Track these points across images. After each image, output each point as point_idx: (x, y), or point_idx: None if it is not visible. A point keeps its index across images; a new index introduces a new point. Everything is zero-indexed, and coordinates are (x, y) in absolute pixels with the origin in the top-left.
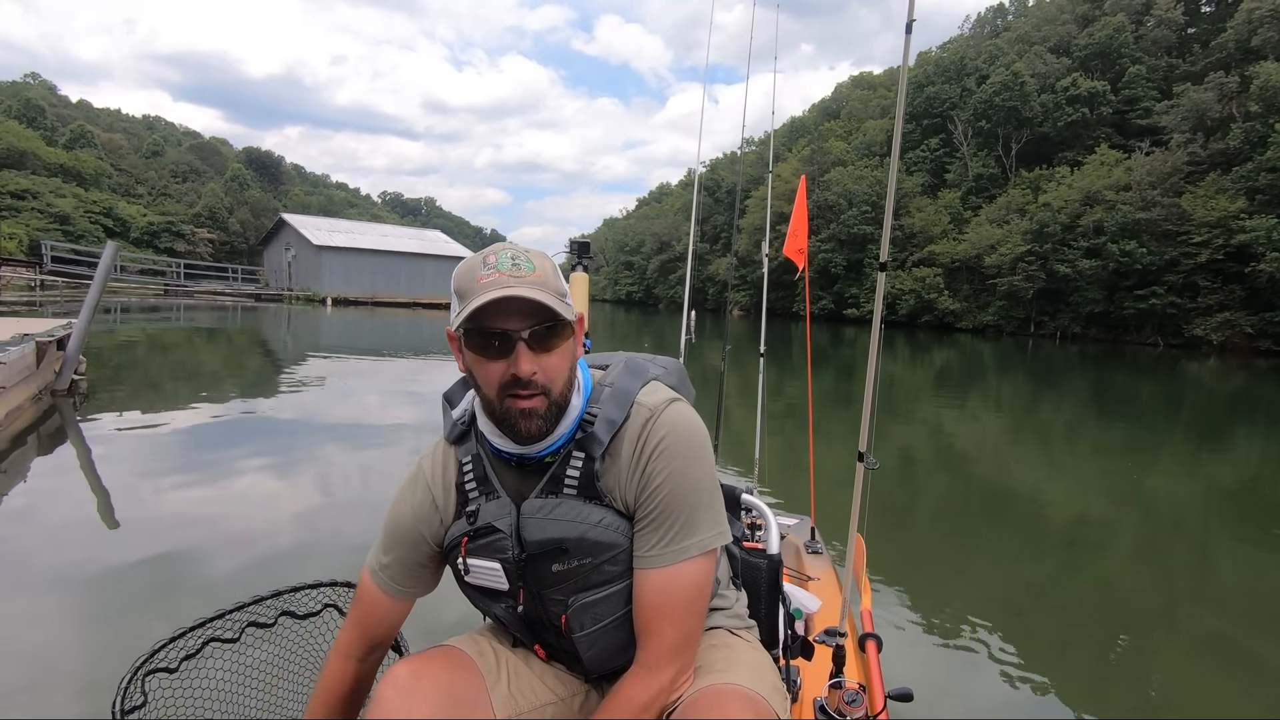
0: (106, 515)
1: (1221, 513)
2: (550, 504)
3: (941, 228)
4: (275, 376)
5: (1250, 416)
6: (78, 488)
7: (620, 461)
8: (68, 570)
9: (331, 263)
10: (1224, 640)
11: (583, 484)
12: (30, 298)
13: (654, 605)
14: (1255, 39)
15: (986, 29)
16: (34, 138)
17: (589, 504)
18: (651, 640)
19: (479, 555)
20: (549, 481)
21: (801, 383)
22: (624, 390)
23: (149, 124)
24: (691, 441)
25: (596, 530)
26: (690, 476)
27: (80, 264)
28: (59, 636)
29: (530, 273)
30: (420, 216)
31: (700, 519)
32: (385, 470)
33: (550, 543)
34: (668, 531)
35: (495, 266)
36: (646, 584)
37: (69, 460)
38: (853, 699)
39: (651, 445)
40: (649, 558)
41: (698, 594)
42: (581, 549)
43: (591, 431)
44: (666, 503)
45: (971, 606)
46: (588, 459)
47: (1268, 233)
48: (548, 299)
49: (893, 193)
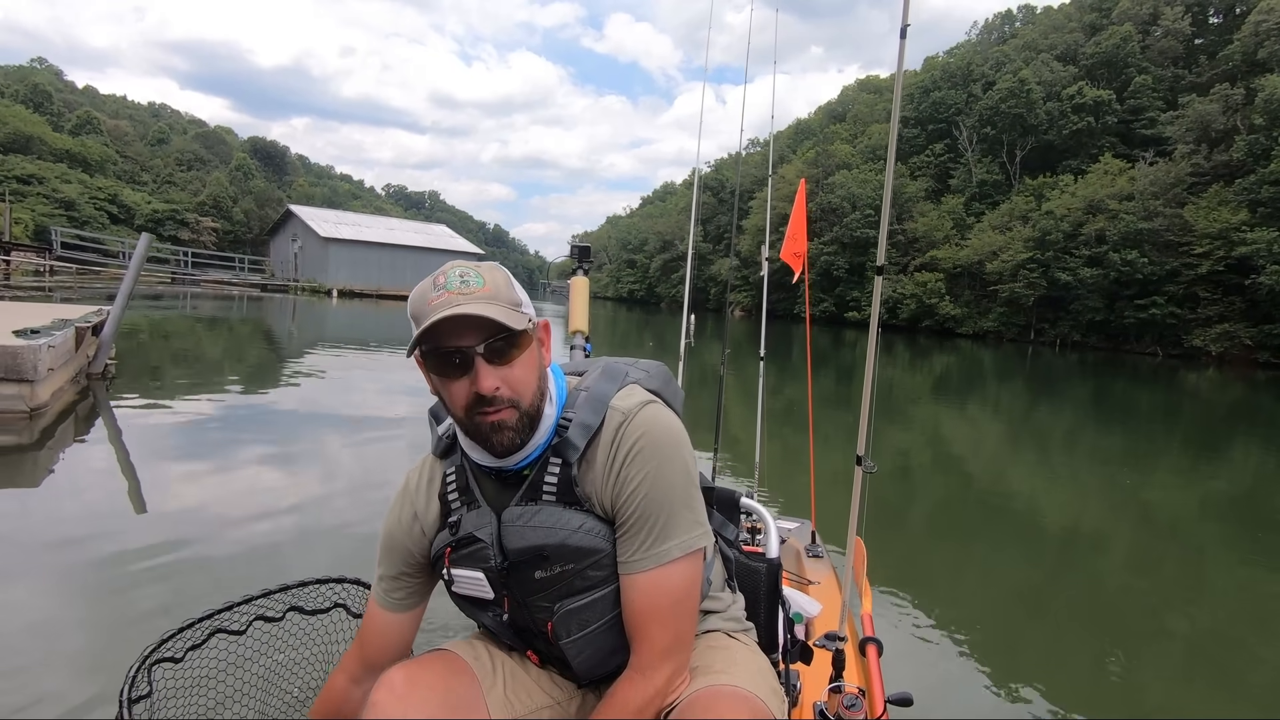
0: (135, 496)
1: (1217, 521)
2: (530, 511)
3: (944, 233)
4: (293, 364)
5: (1248, 428)
6: (109, 465)
7: (596, 467)
8: (92, 547)
9: (338, 255)
10: (1219, 644)
11: (561, 490)
12: (39, 283)
13: (642, 609)
14: (1261, 52)
15: (994, 35)
16: (40, 123)
17: (568, 510)
18: (643, 644)
19: (463, 565)
20: (528, 489)
21: (801, 385)
22: (599, 395)
23: (154, 111)
24: (665, 442)
25: (577, 536)
26: (665, 479)
27: (88, 250)
28: (85, 613)
29: (479, 288)
30: (424, 210)
31: (679, 520)
32: (402, 463)
33: (530, 550)
34: (648, 535)
35: (444, 287)
36: (633, 589)
37: (102, 438)
38: (852, 703)
39: (625, 449)
40: (632, 563)
41: (685, 595)
42: (563, 555)
43: (566, 437)
44: (643, 506)
45: (971, 611)
46: (564, 465)
47: (1269, 245)
48: (496, 312)
49: (888, 201)
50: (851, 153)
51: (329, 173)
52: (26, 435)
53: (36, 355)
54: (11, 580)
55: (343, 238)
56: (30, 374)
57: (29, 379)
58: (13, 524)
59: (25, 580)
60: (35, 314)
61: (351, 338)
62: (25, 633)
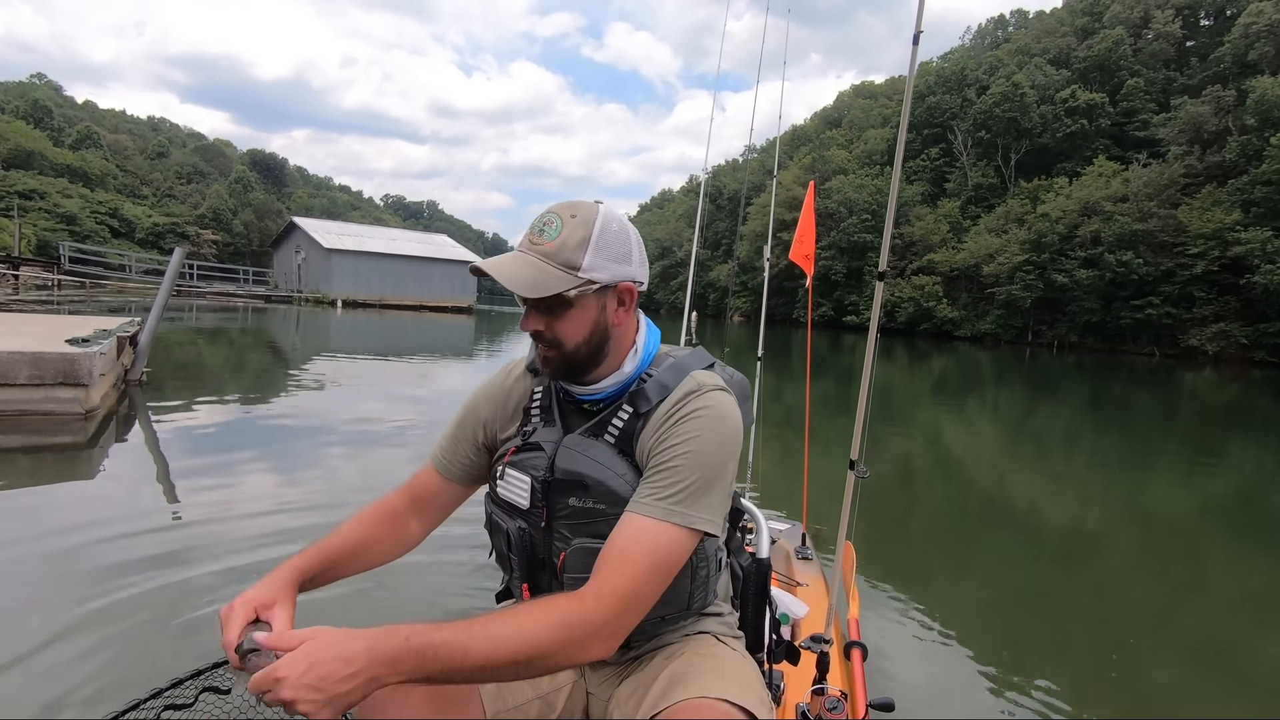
0: (169, 493)
1: (1215, 520)
2: (589, 443)
3: (941, 237)
4: (313, 370)
5: (1245, 427)
6: (150, 462)
7: (653, 422)
8: (140, 545)
9: (341, 265)
10: (1217, 644)
11: (621, 438)
12: (48, 297)
13: (622, 546)
14: (1252, 53)
15: (987, 40)
16: (41, 138)
17: (620, 456)
18: (605, 574)
19: (516, 468)
20: (595, 425)
21: (798, 388)
22: (684, 364)
23: (154, 125)
24: (722, 429)
25: (618, 481)
26: (705, 455)
27: (93, 264)
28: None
29: (548, 241)
30: (423, 219)
31: (700, 499)
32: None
33: (574, 475)
34: (668, 489)
35: (530, 228)
36: (626, 525)
37: (142, 439)
38: (834, 706)
39: (684, 412)
40: (640, 503)
41: (666, 562)
42: (599, 492)
43: (643, 388)
44: (675, 463)
45: (959, 616)
46: (634, 416)
47: (1263, 245)
48: (526, 276)
49: (893, 205)
50: (848, 158)
51: (328, 184)
52: (82, 435)
53: (91, 362)
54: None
55: (346, 248)
56: (86, 379)
57: (84, 383)
58: (74, 515)
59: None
60: (78, 325)
61: (368, 348)
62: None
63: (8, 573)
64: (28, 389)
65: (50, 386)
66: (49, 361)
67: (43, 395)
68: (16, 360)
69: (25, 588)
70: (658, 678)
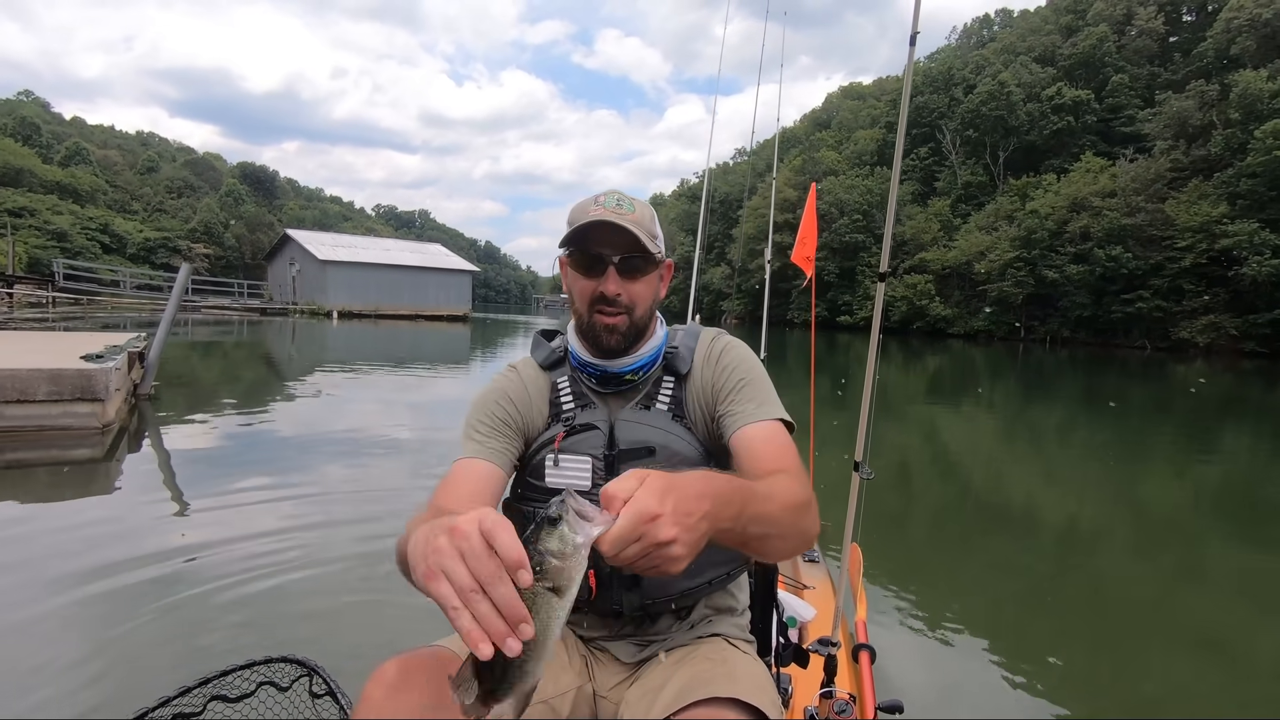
0: (182, 506)
1: (1211, 512)
2: (645, 414)
3: (932, 235)
4: (314, 382)
5: (1238, 419)
6: (163, 475)
7: (695, 376)
8: (155, 552)
9: (336, 277)
10: (1217, 642)
11: (673, 405)
12: (41, 315)
13: (766, 451)
14: (1234, 47)
15: (973, 40)
16: (30, 155)
17: (676, 421)
18: (788, 464)
19: (571, 451)
20: (643, 398)
21: (798, 389)
22: (694, 329)
23: (143, 140)
24: (752, 358)
25: (682, 444)
26: (759, 370)
27: (87, 280)
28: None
29: (630, 213)
30: (415, 229)
31: (775, 401)
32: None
33: (641, 444)
34: (753, 398)
35: (604, 205)
36: (753, 435)
37: (154, 453)
38: (842, 709)
39: (719, 350)
40: (744, 414)
41: (793, 450)
42: (665, 455)
43: (676, 355)
44: (747, 379)
45: (966, 617)
46: (678, 382)
47: (1249, 237)
48: (639, 234)
49: (893, 206)
50: (838, 159)
51: (319, 195)
52: (99, 449)
53: (107, 377)
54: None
55: (340, 260)
56: (102, 394)
57: (100, 399)
58: (102, 529)
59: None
60: (88, 342)
61: (366, 357)
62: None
63: (32, 588)
64: (47, 405)
65: (68, 402)
66: (67, 378)
67: (61, 410)
68: (36, 377)
69: (45, 600)
70: (669, 680)
